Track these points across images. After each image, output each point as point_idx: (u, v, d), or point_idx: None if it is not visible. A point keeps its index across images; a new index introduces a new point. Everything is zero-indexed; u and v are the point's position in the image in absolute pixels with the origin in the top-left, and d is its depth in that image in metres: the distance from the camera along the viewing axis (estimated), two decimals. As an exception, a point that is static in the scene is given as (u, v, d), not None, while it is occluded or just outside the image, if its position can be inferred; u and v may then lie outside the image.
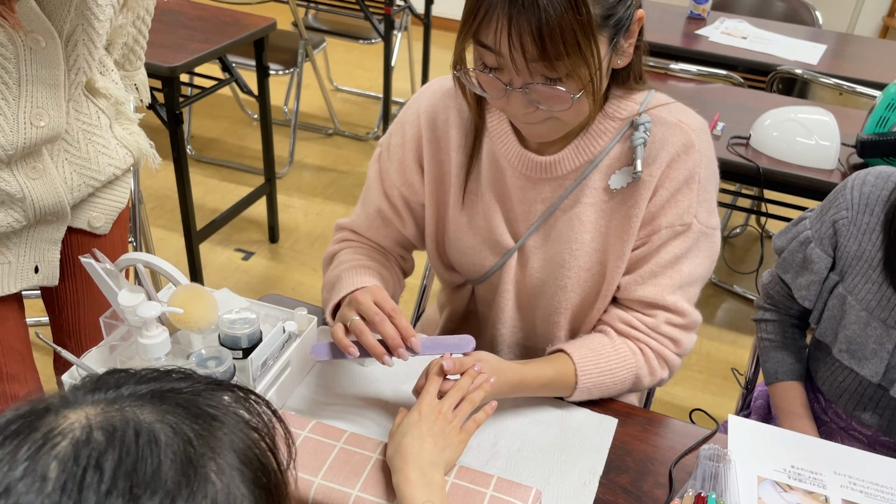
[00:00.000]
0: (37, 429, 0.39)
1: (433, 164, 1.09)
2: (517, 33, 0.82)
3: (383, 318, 0.92)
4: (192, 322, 0.92)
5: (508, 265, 1.10)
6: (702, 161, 1.00)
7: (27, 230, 1.13)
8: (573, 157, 1.02)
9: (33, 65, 0.99)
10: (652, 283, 1.03)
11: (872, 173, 1.13)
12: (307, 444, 0.91)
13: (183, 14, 2.40)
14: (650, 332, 1.05)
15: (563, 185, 1.04)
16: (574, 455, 0.98)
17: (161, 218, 2.88)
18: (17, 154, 1.03)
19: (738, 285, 2.72)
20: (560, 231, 1.06)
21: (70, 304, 1.30)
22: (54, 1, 0.98)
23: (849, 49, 2.72)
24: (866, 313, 1.11)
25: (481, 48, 0.87)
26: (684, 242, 1.02)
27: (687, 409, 1.92)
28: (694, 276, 1.04)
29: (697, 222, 1.01)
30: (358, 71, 4.25)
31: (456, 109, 1.07)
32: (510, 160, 1.04)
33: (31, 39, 0.97)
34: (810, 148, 1.80)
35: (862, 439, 1.20)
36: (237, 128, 3.58)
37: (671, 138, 0.99)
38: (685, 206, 1.00)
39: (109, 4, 1.06)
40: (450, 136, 1.07)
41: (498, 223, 1.08)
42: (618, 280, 1.05)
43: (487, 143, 1.06)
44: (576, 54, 0.83)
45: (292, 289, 2.59)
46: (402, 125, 1.11)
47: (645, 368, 1.05)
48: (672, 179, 0.99)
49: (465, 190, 1.09)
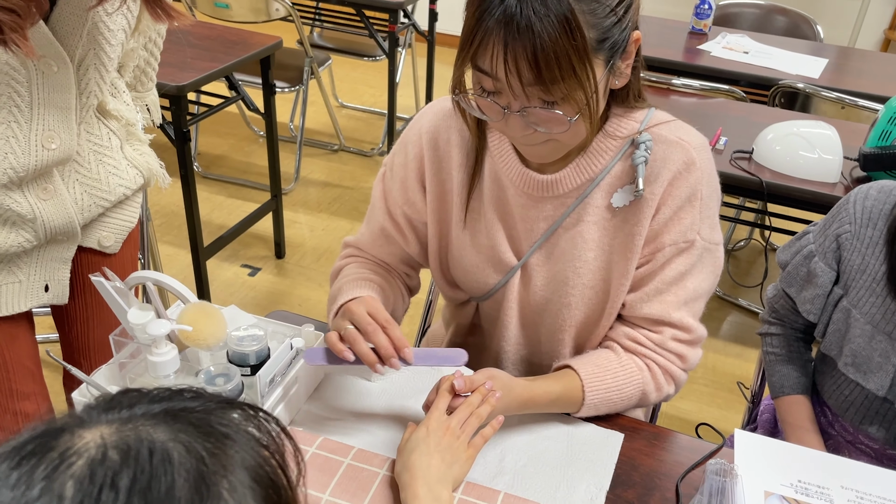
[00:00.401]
0: (52, 448, 0.40)
1: (435, 183, 1.10)
2: (513, 58, 0.83)
3: (376, 329, 0.94)
4: (201, 339, 0.93)
5: (512, 283, 1.11)
6: (703, 178, 1.00)
7: (38, 250, 1.14)
8: (574, 175, 1.03)
9: (45, 89, 1.01)
10: (657, 300, 1.04)
11: (875, 187, 1.14)
12: (315, 460, 0.92)
13: (190, 33, 2.43)
14: (656, 349, 1.06)
15: (564, 204, 1.05)
16: (580, 470, 0.99)
17: (168, 234, 2.89)
18: (29, 176, 1.05)
19: (743, 298, 2.72)
20: (563, 249, 1.07)
21: (80, 322, 1.31)
22: (66, 27, 1.00)
23: (850, 63, 2.73)
24: (871, 327, 1.11)
25: (479, 73, 0.88)
26: (688, 259, 1.03)
27: (693, 423, 1.92)
28: (699, 292, 1.05)
29: (701, 239, 1.02)
30: (363, 88, 4.29)
31: (457, 129, 1.08)
32: (512, 179, 1.06)
33: (43, 64, 0.99)
34: (813, 162, 1.80)
35: (869, 453, 1.20)
36: (244, 145, 3.60)
37: (672, 156, 1.00)
38: (688, 223, 1.01)
39: (121, 29, 1.08)
40: (451, 156, 1.09)
41: (500, 241, 1.09)
42: (622, 298, 1.06)
43: (489, 162, 1.08)
44: (571, 78, 0.85)
45: (299, 304, 2.60)
46: (404, 145, 1.13)
47: (652, 384, 1.06)
48: (674, 197, 1.00)
49: (468, 208, 1.10)
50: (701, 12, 2.76)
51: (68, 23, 0.99)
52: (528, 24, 0.81)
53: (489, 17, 0.83)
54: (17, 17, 0.87)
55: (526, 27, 0.81)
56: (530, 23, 0.81)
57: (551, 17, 0.81)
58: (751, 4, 3.11)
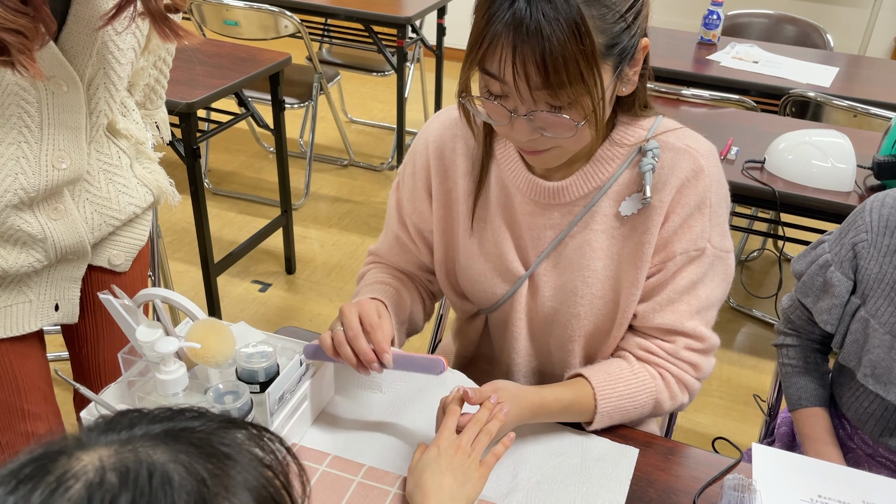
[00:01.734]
0: (50, 472, 0.39)
1: (441, 191, 1.11)
2: (521, 62, 0.83)
3: (357, 334, 0.95)
4: (210, 357, 0.92)
5: (520, 293, 1.10)
6: (712, 185, 1.00)
7: (48, 269, 1.14)
8: (582, 183, 1.02)
9: (55, 109, 1.01)
10: (670, 309, 1.03)
11: (891, 195, 1.12)
12: (325, 478, 0.90)
13: (200, 51, 2.44)
14: (670, 358, 1.05)
15: (572, 212, 1.04)
16: (595, 486, 0.97)
17: (179, 251, 2.90)
18: (39, 196, 1.04)
19: (757, 309, 2.69)
20: (570, 258, 1.06)
21: (90, 341, 1.31)
22: (76, 47, 1.00)
23: (861, 71, 2.72)
24: (890, 336, 1.09)
25: (486, 76, 0.88)
26: (700, 267, 1.01)
27: (709, 437, 1.89)
28: (711, 301, 1.04)
29: (711, 246, 1.01)
30: (372, 103, 4.30)
31: (462, 138, 1.08)
32: (519, 186, 1.05)
33: (53, 84, 0.98)
34: (826, 170, 1.79)
35: (890, 465, 1.17)
36: (254, 161, 3.62)
37: (680, 164, 0.99)
38: (698, 231, 1.00)
39: (131, 49, 1.08)
40: (457, 165, 1.09)
41: (508, 250, 1.08)
42: (633, 308, 1.05)
43: (495, 170, 1.07)
44: (579, 83, 0.84)
45: (309, 319, 2.59)
46: (413, 155, 1.13)
47: (665, 393, 1.04)
48: (683, 205, 0.99)
49: (474, 217, 1.09)
50: (710, 23, 2.75)
51: (78, 43, 0.99)
52: (537, 27, 0.81)
53: (498, 20, 0.83)
54: (24, 38, 0.87)
55: (535, 30, 0.81)
56: (539, 26, 0.81)
57: (561, 22, 0.81)
58: (760, 14, 3.10)
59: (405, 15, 3.04)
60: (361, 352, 0.94)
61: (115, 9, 0.95)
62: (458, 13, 3.74)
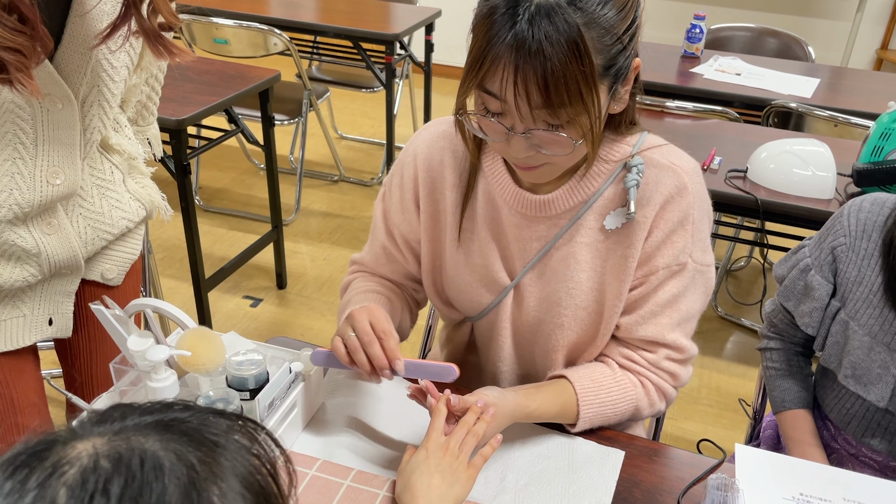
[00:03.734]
0: (46, 459, 0.40)
1: (429, 203, 1.12)
2: (523, 82, 0.84)
3: (372, 340, 0.95)
4: (200, 364, 0.94)
5: (504, 303, 1.12)
6: (695, 202, 1.02)
7: (42, 284, 1.15)
8: (568, 197, 1.04)
9: (50, 126, 1.02)
10: (652, 322, 1.05)
11: (868, 199, 1.15)
12: (315, 482, 0.92)
13: (190, 69, 2.46)
14: (651, 368, 1.07)
15: (557, 224, 1.06)
16: (582, 488, 0.98)
17: (170, 268, 2.91)
18: (34, 211, 1.06)
19: (745, 318, 2.72)
20: (555, 270, 1.08)
21: (83, 355, 1.32)
22: (71, 66, 1.01)
23: (843, 82, 2.76)
24: (869, 338, 1.12)
25: (486, 94, 0.90)
26: (681, 281, 1.04)
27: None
28: (691, 313, 1.07)
29: (692, 261, 1.04)
30: (361, 119, 4.33)
31: (450, 151, 1.10)
32: (506, 199, 1.07)
33: (48, 102, 1.00)
34: (807, 179, 1.82)
35: (873, 465, 1.19)
36: (244, 177, 3.64)
37: (664, 180, 1.01)
38: (681, 246, 1.02)
39: (124, 66, 1.09)
40: (445, 177, 1.10)
41: (494, 261, 1.10)
42: (615, 319, 1.07)
43: (483, 183, 1.09)
44: (578, 103, 0.86)
45: (301, 333, 2.60)
46: (400, 167, 1.15)
47: (645, 400, 1.07)
48: (667, 220, 1.02)
49: (461, 228, 1.11)
50: (693, 36, 2.80)
51: (72, 61, 1.01)
52: (539, 48, 0.82)
53: (500, 40, 0.84)
54: (22, 56, 0.88)
55: (537, 51, 0.83)
56: (541, 47, 0.82)
57: (562, 43, 0.83)
58: (742, 28, 3.15)
59: (393, 32, 3.08)
60: (375, 358, 0.95)
61: (110, 27, 0.97)
62: (446, 30, 3.79)
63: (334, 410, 1.10)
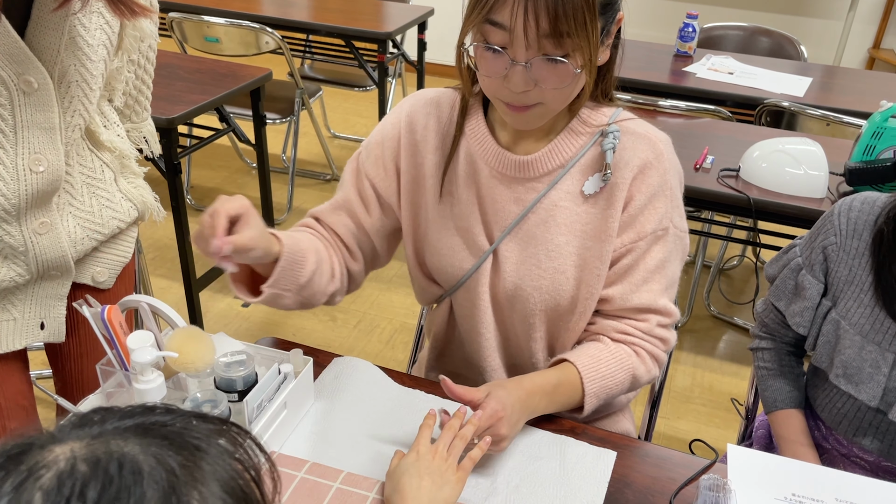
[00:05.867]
0: (22, 462, 0.40)
1: (410, 165, 1.14)
2: (533, 10, 0.88)
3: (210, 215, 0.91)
4: (189, 363, 0.93)
5: (483, 269, 1.13)
6: (670, 169, 1.07)
7: (32, 286, 1.14)
8: (547, 159, 1.07)
9: (28, 109, 1.00)
10: (645, 289, 1.09)
11: (858, 199, 1.15)
12: (304, 484, 0.91)
13: (181, 67, 2.45)
14: (644, 336, 1.11)
15: (535, 189, 1.09)
16: (573, 489, 0.98)
17: (161, 267, 2.89)
18: (21, 203, 1.04)
19: (738, 317, 2.72)
20: (533, 233, 1.10)
21: (73, 359, 1.30)
22: (43, 42, 0.99)
23: (835, 81, 2.77)
24: (860, 337, 1.12)
25: (490, 26, 0.92)
26: (665, 246, 1.08)
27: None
28: (675, 278, 1.12)
29: (673, 226, 1.08)
30: (354, 118, 4.32)
31: (436, 116, 1.13)
32: (487, 159, 1.09)
33: (22, 82, 0.98)
34: (799, 178, 1.82)
35: (864, 465, 1.19)
36: (236, 176, 3.62)
37: (640, 147, 1.06)
38: (662, 211, 1.07)
39: (102, 45, 1.07)
40: (427, 140, 1.13)
41: (474, 223, 1.12)
42: (598, 285, 1.08)
43: (464, 145, 1.11)
44: (582, 32, 0.91)
45: (293, 334, 2.59)
46: (383, 126, 1.17)
47: (642, 368, 1.10)
48: (648, 185, 1.06)
49: (442, 191, 1.13)
50: (685, 35, 2.80)
51: (44, 37, 0.99)
52: None
53: None
54: None
55: None
56: None
57: None
58: (735, 27, 3.15)
59: (386, 30, 3.07)
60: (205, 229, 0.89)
61: None
62: (439, 29, 3.79)
63: (324, 412, 1.09)
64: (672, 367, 2.49)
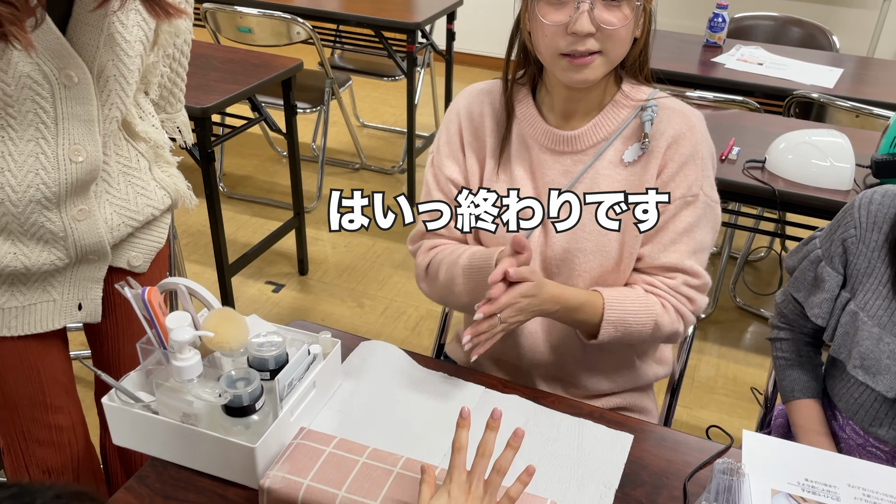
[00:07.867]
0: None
1: (474, 148, 1.26)
2: None
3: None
4: (224, 343, 0.98)
5: (534, 235, 1.22)
6: (702, 141, 1.17)
7: (70, 269, 1.19)
8: (592, 133, 1.19)
9: (68, 101, 1.05)
10: (672, 249, 1.17)
11: (879, 191, 1.16)
12: (331, 459, 0.95)
13: (214, 57, 2.51)
14: (671, 291, 1.18)
15: (582, 161, 1.19)
16: (590, 469, 1.01)
17: (195, 253, 2.97)
18: (61, 191, 1.10)
19: (764, 308, 2.72)
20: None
21: (111, 339, 1.36)
22: (83, 38, 1.03)
23: (866, 72, 2.74)
24: (878, 329, 1.13)
25: None
26: (694, 212, 1.16)
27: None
28: (704, 244, 1.19)
29: (703, 194, 1.16)
30: (383, 107, 4.36)
31: (489, 104, 1.25)
32: (537, 138, 1.21)
33: (64, 77, 1.02)
34: (825, 170, 1.82)
35: (880, 455, 1.20)
36: (267, 165, 3.69)
37: (675, 119, 1.17)
38: (693, 178, 1.16)
39: (139, 41, 1.11)
40: (485, 125, 1.25)
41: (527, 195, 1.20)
42: (637, 245, 1.18)
43: (516, 127, 1.24)
44: None
45: (321, 319, 2.65)
46: (446, 125, 1.28)
47: (665, 318, 1.17)
48: (680, 153, 1.15)
49: (500, 168, 1.24)
50: (715, 25, 2.79)
51: (84, 33, 1.03)
52: None
53: None
54: (14, 9, 0.90)
55: None
56: None
57: None
58: (765, 17, 3.13)
59: (415, 20, 3.10)
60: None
61: None
62: (468, 18, 3.80)
63: (351, 392, 1.13)
64: (696, 358, 2.50)
